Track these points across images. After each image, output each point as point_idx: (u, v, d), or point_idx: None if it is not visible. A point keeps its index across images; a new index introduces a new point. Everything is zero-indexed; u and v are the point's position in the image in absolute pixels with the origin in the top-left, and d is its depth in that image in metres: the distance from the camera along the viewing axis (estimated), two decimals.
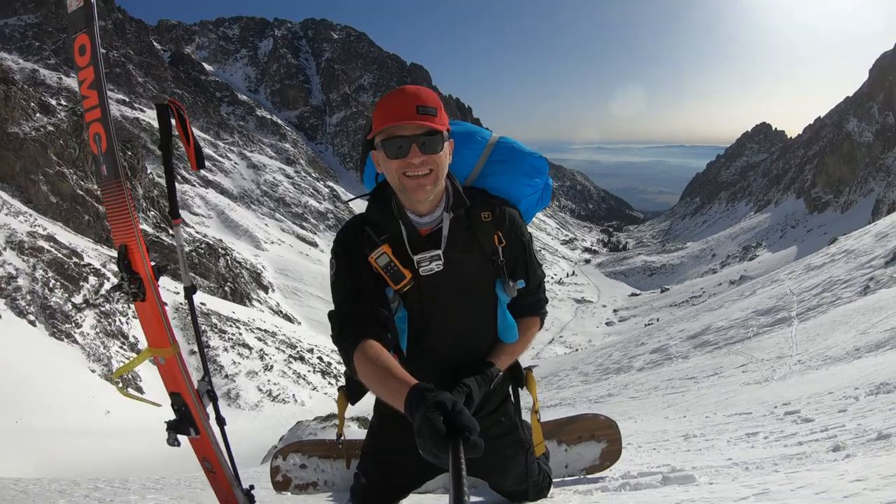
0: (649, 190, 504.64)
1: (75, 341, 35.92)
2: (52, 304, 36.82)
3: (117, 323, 40.24)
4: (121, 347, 38.36)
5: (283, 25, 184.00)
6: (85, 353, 35.51)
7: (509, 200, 2.58)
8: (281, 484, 3.92)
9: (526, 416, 2.95)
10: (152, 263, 2.30)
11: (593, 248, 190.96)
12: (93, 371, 35.13)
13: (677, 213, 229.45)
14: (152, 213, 62.06)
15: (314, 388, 49.21)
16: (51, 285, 37.98)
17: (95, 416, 28.21)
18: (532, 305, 2.65)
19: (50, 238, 42.67)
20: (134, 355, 37.32)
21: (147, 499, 3.74)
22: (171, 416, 2.49)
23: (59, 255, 41.58)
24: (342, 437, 3.16)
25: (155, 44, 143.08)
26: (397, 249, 2.35)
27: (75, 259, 42.68)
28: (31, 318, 35.04)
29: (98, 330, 38.49)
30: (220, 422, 2.69)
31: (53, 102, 64.72)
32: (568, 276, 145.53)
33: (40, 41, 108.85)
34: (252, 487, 2.87)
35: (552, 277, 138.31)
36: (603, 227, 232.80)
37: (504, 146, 2.64)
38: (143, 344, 38.27)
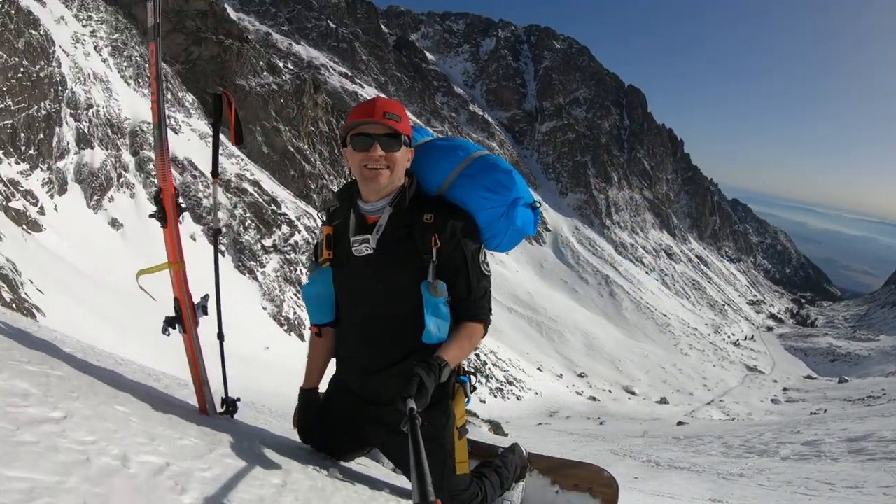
0: (853, 267, 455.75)
1: (256, 278, 37.94)
2: (243, 240, 38.99)
3: (297, 272, 42.09)
4: (295, 294, 40.06)
5: (508, 27, 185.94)
6: (261, 291, 37.41)
7: (467, 210, 2.73)
8: None
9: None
10: (178, 204, 2.80)
11: (779, 315, 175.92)
12: (264, 308, 37.05)
13: (878, 299, 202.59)
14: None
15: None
16: (246, 224, 40.19)
17: (254, 348, 29.45)
18: (473, 311, 2.71)
19: (255, 183, 45.17)
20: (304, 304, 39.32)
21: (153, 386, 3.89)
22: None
23: (260, 199, 44.03)
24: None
25: (382, 27, 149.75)
26: (343, 230, 2.75)
27: (273, 206, 45.07)
28: (222, 248, 37.16)
29: (279, 273, 40.43)
30: (220, 337, 3.22)
31: (281, 64, 69.03)
32: (746, 339, 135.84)
33: (276, 8, 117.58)
34: (238, 399, 3.26)
35: (729, 337, 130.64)
36: (795, 295, 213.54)
37: (480, 161, 2.76)
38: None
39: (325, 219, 2.89)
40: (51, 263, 25.83)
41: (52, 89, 33.59)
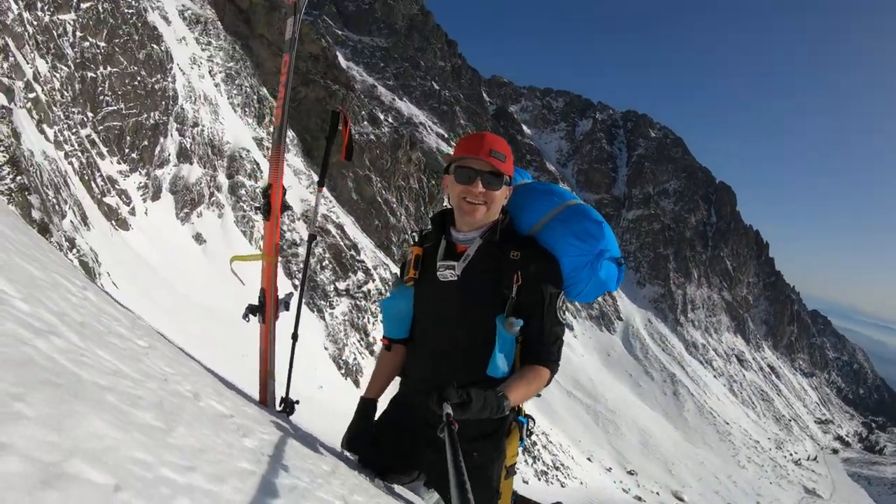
0: None
1: (323, 318, 38.42)
2: (318, 280, 39.59)
3: (364, 320, 42.35)
4: (359, 341, 40.30)
5: (605, 111, 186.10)
6: (326, 332, 37.83)
7: (553, 255, 2.77)
8: None
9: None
10: (284, 202, 3.04)
11: (847, 438, 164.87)
12: (325, 349, 37.33)
13: None
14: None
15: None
16: (323, 264, 40.87)
17: (308, 386, 29.54)
18: (543, 355, 2.70)
19: (339, 227, 46.02)
20: (368, 354, 39.48)
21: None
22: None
23: (341, 243, 44.76)
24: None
25: (484, 95, 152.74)
26: (432, 253, 2.84)
27: (353, 252, 45.71)
28: (296, 282, 37.81)
29: (346, 318, 40.78)
30: (294, 337, 3.45)
31: (382, 117, 70.84)
32: (808, 459, 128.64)
33: (385, 63, 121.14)
34: (297, 402, 3.39)
35: (791, 455, 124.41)
36: (866, 418, 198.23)
37: (573, 209, 2.83)
38: (378, 346, 40.68)
39: (416, 240, 2.99)
40: (131, 261, 26.83)
41: (163, 102, 35.44)
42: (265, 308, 3.11)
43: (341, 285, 42.36)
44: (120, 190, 30.83)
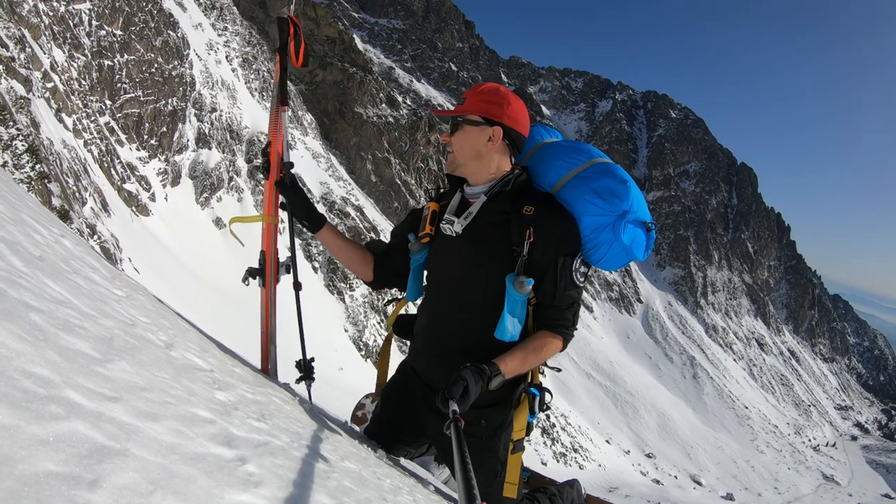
0: None
1: (343, 300, 38.59)
2: (337, 262, 39.90)
3: (384, 302, 42.57)
4: (379, 323, 40.45)
5: (625, 91, 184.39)
6: (346, 314, 37.99)
7: (572, 213, 2.57)
8: (359, 419, 4.11)
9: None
10: (283, 160, 2.87)
11: (866, 425, 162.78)
12: (345, 330, 37.65)
13: None
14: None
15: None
16: None
17: (328, 368, 29.68)
18: (554, 321, 2.55)
19: (358, 209, 46.12)
20: (385, 334, 40.05)
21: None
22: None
23: (361, 225, 44.83)
24: (373, 396, 3.50)
25: (503, 76, 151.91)
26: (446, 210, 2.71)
27: (372, 234, 45.77)
28: (316, 265, 38.09)
29: (367, 300, 40.95)
30: (296, 287, 3.07)
31: (400, 99, 70.64)
32: (827, 445, 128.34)
33: (402, 45, 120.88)
34: (312, 359, 3.12)
35: (810, 440, 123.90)
36: (887, 405, 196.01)
37: (598, 166, 2.60)
38: None
39: (432, 195, 2.85)
40: (152, 246, 27.04)
41: (181, 88, 35.73)
42: (265, 271, 3.01)
43: None
44: (140, 176, 31.11)
